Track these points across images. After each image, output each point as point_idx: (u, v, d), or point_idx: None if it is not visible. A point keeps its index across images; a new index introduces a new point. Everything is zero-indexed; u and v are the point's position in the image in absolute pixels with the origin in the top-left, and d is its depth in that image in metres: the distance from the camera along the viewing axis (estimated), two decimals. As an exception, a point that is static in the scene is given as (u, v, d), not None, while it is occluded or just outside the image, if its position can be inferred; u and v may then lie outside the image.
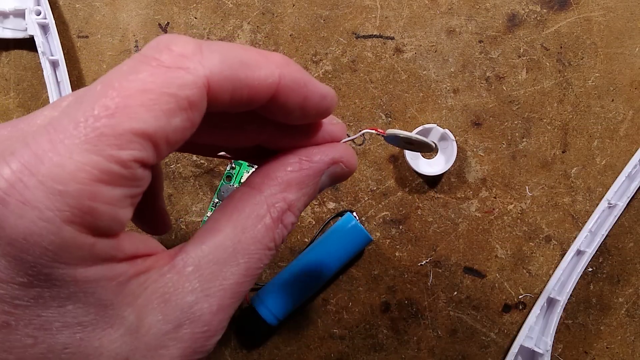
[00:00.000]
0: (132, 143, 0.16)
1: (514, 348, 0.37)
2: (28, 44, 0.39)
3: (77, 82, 0.40)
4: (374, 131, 0.25)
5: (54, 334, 0.16)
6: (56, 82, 0.37)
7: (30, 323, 0.16)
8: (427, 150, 0.26)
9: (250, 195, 0.20)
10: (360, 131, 0.24)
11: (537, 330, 0.37)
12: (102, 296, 0.17)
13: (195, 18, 0.39)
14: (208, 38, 0.39)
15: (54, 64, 0.37)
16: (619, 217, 0.38)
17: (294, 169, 0.20)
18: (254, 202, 0.20)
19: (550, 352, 0.36)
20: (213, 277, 0.19)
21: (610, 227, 0.37)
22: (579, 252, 0.37)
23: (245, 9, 0.39)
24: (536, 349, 0.36)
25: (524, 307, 0.39)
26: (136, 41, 0.39)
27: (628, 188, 0.37)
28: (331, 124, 0.22)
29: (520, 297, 0.39)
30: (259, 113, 0.20)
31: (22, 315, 0.16)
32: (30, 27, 0.37)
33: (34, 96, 0.40)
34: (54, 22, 0.37)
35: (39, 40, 0.37)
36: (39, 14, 0.37)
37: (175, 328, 0.18)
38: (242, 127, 0.22)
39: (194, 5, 0.39)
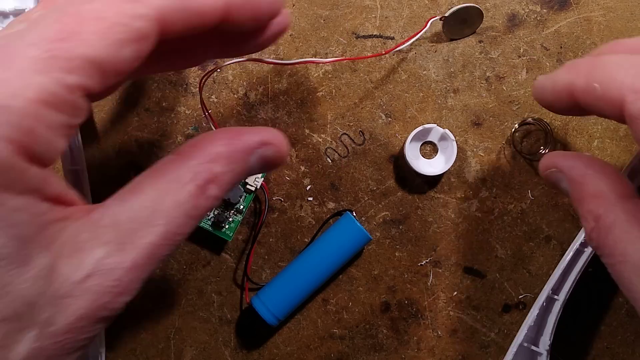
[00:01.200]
0: (81, 69, 0.16)
1: (513, 347, 0.37)
2: None
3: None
4: (436, 18, 0.36)
5: None
6: None
7: None
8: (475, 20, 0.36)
9: (177, 162, 0.20)
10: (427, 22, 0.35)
11: (536, 330, 0.37)
12: (23, 230, 0.16)
13: (195, 18, 0.39)
14: (208, 38, 0.39)
15: None
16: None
17: (223, 143, 0.20)
18: (180, 167, 0.19)
19: (549, 351, 0.36)
20: (129, 234, 0.18)
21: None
22: (579, 252, 0.37)
23: (245, 9, 0.39)
24: (535, 349, 0.36)
25: (524, 307, 0.39)
26: (136, 41, 0.39)
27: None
28: (275, 22, 0.22)
29: (520, 297, 0.39)
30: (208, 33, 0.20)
31: None
32: None
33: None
34: None
35: None
36: None
37: (85, 278, 0.17)
38: (190, 50, 0.22)
39: (194, 5, 0.39)
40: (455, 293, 0.39)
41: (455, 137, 0.37)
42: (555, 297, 0.37)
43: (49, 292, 0.17)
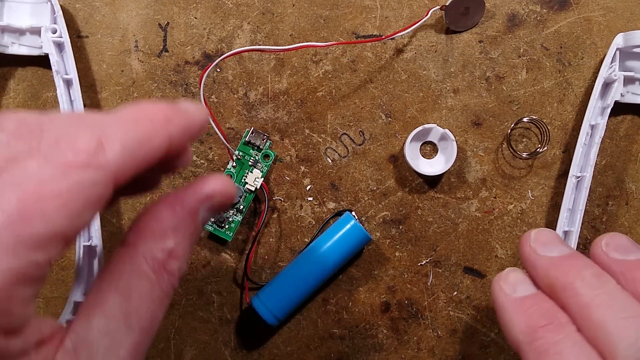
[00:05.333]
0: (48, 246, 0.16)
1: None
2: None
3: (77, 82, 0.40)
4: (436, 8, 0.35)
5: None
6: (69, 100, 0.37)
7: None
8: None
9: (128, 255, 0.19)
10: (428, 11, 0.35)
11: None
12: None
13: (195, 18, 0.39)
14: (208, 38, 0.39)
15: (68, 83, 0.37)
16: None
17: (166, 216, 0.20)
18: (133, 261, 0.19)
19: None
20: (107, 351, 0.18)
21: (586, 201, 0.36)
22: (566, 233, 0.37)
23: (245, 9, 0.39)
24: None
25: (524, 307, 0.39)
26: (136, 41, 0.39)
27: (588, 157, 0.37)
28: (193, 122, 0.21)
29: (520, 297, 0.39)
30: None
31: None
32: (45, 45, 0.36)
33: (33, 96, 0.40)
34: (69, 40, 0.37)
35: (53, 59, 0.36)
36: (54, 32, 0.37)
37: None
38: (137, 181, 0.21)
39: (194, 5, 0.39)
40: (455, 293, 0.39)
41: (455, 137, 0.37)
42: None
43: None
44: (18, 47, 0.38)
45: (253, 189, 0.38)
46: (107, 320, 0.18)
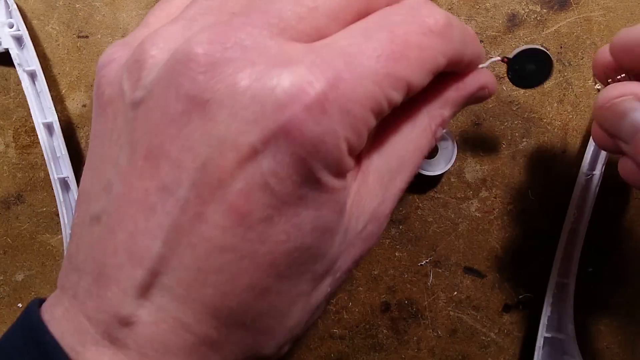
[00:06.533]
0: (401, 89, 0.19)
1: (539, 341, 0.36)
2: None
3: (76, 81, 0.40)
4: (497, 58, 0.29)
5: (304, 234, 0.18)
6: (36, 93, 0.38)
7: (289, 221, 0.18)
8: (543, 71, 0.29)
9: (415, 108, 0.22)
10: (489, 58, 0.27)
11: (555, 319, 0.37)
12: (342, 205, 0.19)
13: (195, 18, 0.39)
14: (208, 38, 0.39)
15: (32, 75, 0.38)
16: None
17: (452, 90, 0.23)
18: (419, 114, 0.22)
19: (574, 337, 0.36)
20: (390, 184, 0.21)
21: (594, 199, 0.36)
22: (573, 231, 0.37)
23: (245, 9, 0.39)
24: (561, 336, 0.36)
25: (524, 307, 0.39)
26: (136, 41, 0.39)
27: (599, 155, 0.37)
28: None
29: (520, 297, 0.39)
30: None
31: (285, 212, 0.18)
32: (4, 40, 0.37)
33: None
34: (27, 33, 0.38)
35: (14, 53, 0.37)
36: (11, 26, 0.37)
37: (362, 229, 0.21)
38: None
39: (194, 5, 0.39)
40: (455, 293, 0.39)
41: (455, 137, 0.37)
42: (565, 280, 0.37)
43: (342, 248, 0.20)
44: None
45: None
46: (393, 159, 0.22)
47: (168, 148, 0.17)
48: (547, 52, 0.29)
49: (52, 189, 0.38)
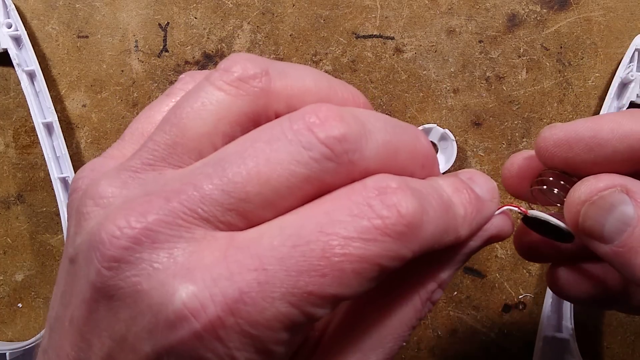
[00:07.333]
0: (330, 305, 0.16)
1: (539, 342, 0.37)
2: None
3: (76, 81, 0.40)
4: (516, 209, 0.23)
5: None
6: (35, 93, 0.38)
7: None
8: (563, 239, 0.23)
9: (400, 278, 0.19)
10: (501, 207, 0.23)
11: (555, 319, 0.37)
12: None
13: (195, 18, 0.39)
14: (208, 38, 0.39)
15: (31, 75, 0.38)
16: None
17: (449, 251, 0.19)
18: (408, 293, 0.19)
19: (574, 337, 0.36)
20: None
21: None
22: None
23: (245, 9, 0.39)
24: (561, 336, 0.36)
25: (524, 307, 0.39)
26: (136, 41, 0.39)
27: None
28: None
29: (520, 297, 0.39)
30: None
31: None
32: (3, 40, 0.38)
33: None
34: (25, 33, 0.38)
35: (13, 53, 0.37)
36: (10, 26, 0.37)
37: None
38: None
39: (194, 5, 0.39)
40: (455, 293, 0.39)
41: (455, 137, 0.37)
42: None
43: None
44: None
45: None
46: (364, 335, 0.19)
47: (83, 323, 0.17)
48: (565, 228, 0.23)
49: (52, 189, 0.38)
